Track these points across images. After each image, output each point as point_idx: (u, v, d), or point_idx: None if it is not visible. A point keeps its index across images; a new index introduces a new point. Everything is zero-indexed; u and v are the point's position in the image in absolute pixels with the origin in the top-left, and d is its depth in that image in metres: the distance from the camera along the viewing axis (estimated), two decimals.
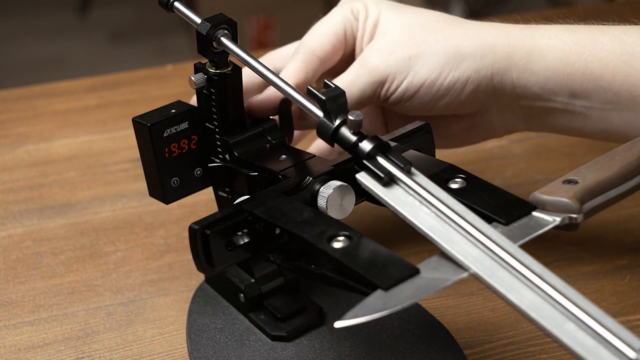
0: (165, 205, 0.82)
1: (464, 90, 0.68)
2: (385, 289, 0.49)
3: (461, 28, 0.69)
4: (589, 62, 0.66)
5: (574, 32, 0.68)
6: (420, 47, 0.68)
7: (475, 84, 0.68)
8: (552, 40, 0.67)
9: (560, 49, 0.67)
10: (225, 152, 0.66)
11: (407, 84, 0.68)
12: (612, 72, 0.66)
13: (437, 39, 0.68)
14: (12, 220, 0.81)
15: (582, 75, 0.67)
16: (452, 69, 0.67)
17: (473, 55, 0.68)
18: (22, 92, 1.00)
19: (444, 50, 0.68)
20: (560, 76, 0.67)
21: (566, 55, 0.67)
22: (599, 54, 0.66)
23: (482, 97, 0.69)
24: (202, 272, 0.58)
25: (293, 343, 0.66)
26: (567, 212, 0.55)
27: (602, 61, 0.66)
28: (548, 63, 0.67)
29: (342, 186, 0.59)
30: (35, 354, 0.68)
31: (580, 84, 0.67)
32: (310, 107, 0.58)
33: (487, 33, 0.68)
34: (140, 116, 0.64)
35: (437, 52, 0.68)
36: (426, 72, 0.68)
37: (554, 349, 0.66)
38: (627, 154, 0.59)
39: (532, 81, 0.68)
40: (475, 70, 0.68)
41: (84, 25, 2.85)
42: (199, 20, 0.63)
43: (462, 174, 0.58)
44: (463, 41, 0.68)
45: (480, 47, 0.68)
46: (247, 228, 0.58)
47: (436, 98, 0.68)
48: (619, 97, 0.66)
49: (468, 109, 0.70)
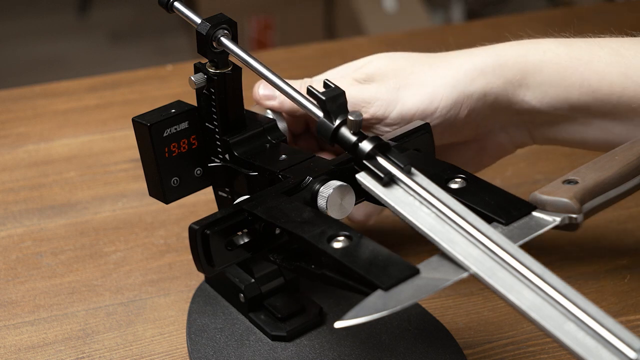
0: (165, 205, 0.82)
1: (458, 116, 0.68)
2: (386, 289, 0.49)
3: (447, 58, 0.69)
4: (586, 75, 0.66)
5: (570, 46, 0.68)
6: (408, 78, 0.68)
7: (470, 108, 0.68)
8: (547, 55, 0.67)
9: (556, 63, 0.67)
10: (225, 152, 0.66)
11: (396, 114, 0.67)
12: (610, 85, 0.66)
13: (425, 70, 0.68)
14: (12, 220, 0.81)
15: (579, 88, 0.66)
16: (443, 98, 0.67)
17: (462, 81, 0.67)
18: (22, 92, 1.00)
19: (432, 80, 0.68)
20: (557, 90, 0.67)
21: (563, 70, 0.67)
22: (596, 66, 0.66)
23: (479, 119, 0.69)
24: (202, 272, 0.58)
25: (293, 343, 0.66)
26: (567, 212, 0.55)
27: (599, 74, 0.66)
28: (544, 78, 0.67)
29: (342, 186, 0.59)
30: (35, 354, 0.68)
31: (578, 96, 0.67)
32: (310, 107, 0.58)
33: (475, 56, 0.68)
34: (140, 116, 0.64)
35: (426, 83, 0.67)
36: (417, 102, 0.67)
37: (554, 349, 0.66)
38: (627, 154, 0.59)
39: (529, 96, 0.68)
40: (467, 95, 0.67)
41: (84, 25, 2.85)
42: (199, 20, 0.63)
43: (462, 174, 0.58)
44: (449, 69, 0.68)
45: (469, 71, 0.67)
46: (247, 228, 0.58)
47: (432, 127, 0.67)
48: (618, 109, 0.66)
49: (469, 134, 0.70)
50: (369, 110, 0.67)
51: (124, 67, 1.23)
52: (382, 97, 0.67)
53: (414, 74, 0.68)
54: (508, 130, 0.71)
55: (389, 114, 0.67)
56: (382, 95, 0.67)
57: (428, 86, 0.67)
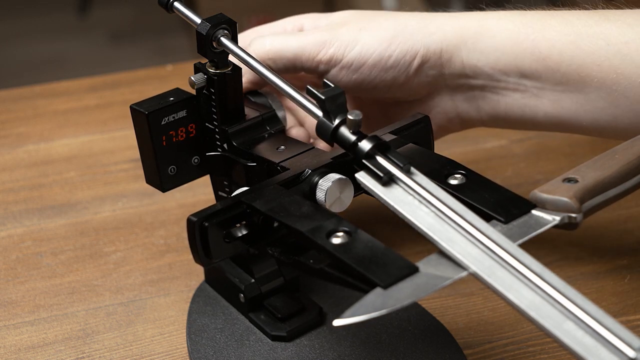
0: (165, 205, 0.82)
1: (412, 65, 0.69)
2: (385, 287, 0.49)
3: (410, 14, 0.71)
4: (537, 42, 0.67)
5: (524, 15, 0.69)
6: (370, 23, 0.70)
7: (424, 58, 0.69)
8: (502, 21, 0.69)
9: (509, 29, 0.68)
10: (223, 142, 0.65)
11: (355, 53, 0.68)
12: (560, 52, 0.67)
13: (387, 18, 0.70)
14: (12, 220, 0.81)
15: (530, 55, 0.68)
16: (401, 43, 0.68)
17: (422, 31, 0.69)
18: (22, 92, 1.00)
19: (393, 25, 0.69)
20: (509, 56, 0.68)
21: (515, 35, 0.68)
22: (547, 34, 0.67)
23: (431, 75, 0.70)
24: (200, 264, 0.58)
25: (293, 343, 0.66)
26: (567, 212, 0.55)
27: (549, 41, 0.67)
28: (497, 43, 0.68)
29: (341, 179, 0.59)
30: (35, 354, 0.68)
31: (529, 64, 0.68)
32: (310, 106, 0.58)
33: (436, 16, 0.70)
34: (138, 103, 0.64)
35: (387, 27, 0.69)
36: (375, 43, 0.68)
37: (554, 349, 0.66)
38: (628, 152, 0.59)
39: (483, 61, 0.69)
40: (424, 45, 0.69)
41: (84, 25, 2.85)
42: (199, 20, 0.63)
43: (461, 169, 0.58)
44: (411, 20, 0.70)
45: (429, 25, 0.69)
46: (246, 220, 0.58)
47: (384, 70, 0.69)
48: (567, 78, 0.67)
49: (418, 90, 0.71)
50: (329, 51, 0.68)
51: (124, 67, 1.24)
52: (342, 37, 0.69)
53: (375, 20, 0.70)
54: (455, 97, 0.71)
55: (348, 53, 0.68)
56: (342, 35, 0.69)
57: (389, 30, 0.69)
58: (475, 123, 0.73)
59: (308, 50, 0.69)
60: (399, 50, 0.68)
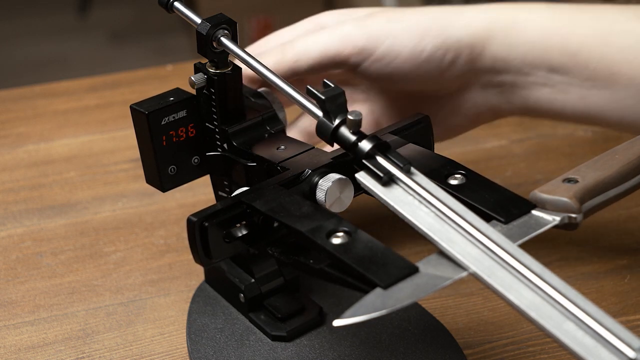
0: (165, 205, 0.82)
1: (445, 59, 0.68)
2: (385, 288, 0.49)
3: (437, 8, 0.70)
4: (567, 37, 0.67)
5: (554, 9, 0.69)
6: (397, 14, 0.69)
7: (457, 52, 0.68)
8: (532, 15, 0.68)
9: (540, 23, 0.68)
10: (223, 142, 0.65)
11: (387, 46, 0.68)
12: (590, 48, 0.66)
13: (414, 12, 0.69)
14: (12, 220, 0.81)
15: (560, 50, 0.67)
16: (434, 37, 0.68)
17: (454, 25, 0.68)
18: (22, 92, 1.00)
19: (423, 19, 0.68)
20: (539, 50, 0.67)
21: (545, 30, 0.67)
22: (577, 29, 0.67)
23: (464, 69, 0.69)
24: (200, 264, 0.58)
25: (293, 343, 0.66)
26: (567, 212, 0.55)
27: (579, 37, 0.66)
28: (527, 37, 0.68)
29: (341, 179, 0.59)
30: (35, 354, 0.68)
31: (558, 58, 0.67)
32: (310, 106, 0.58)
33: (465, 9, 0.69)
34: (139, 103, 0.64)
35: (417, 21, 0.68)
36: (406, 37, 0.68)
37: (554, 349, 0.66)
38: (628, 152, 0.59)
39: (513, 54, 0.68)
40: (457, 39, 0.68)
41: (84, 25, 2.85)
42: (199, 20, 0.63)
43: (461, 169, 0.58)
44: (441, 13, 0.69)
45: (460, 18, 0.69)
46: (246, 220, 0.58)
47: (417, 64, 0.68)
48: (596, 74, 0.67)
49: (450, 84, 0.70)
50: (358, 44, 0.68)
51: (124, 67, 1.24)
52: (371, 30, 0.68)
53: (403, 13, 0.69)
54: (486, 90, 0.71)
55: (379, 46, 0.68)
56: (371, 28, 0.68)
57: (420, 23, 0.68)
58: (506, 114, 0.73)
59: (335, 45, 0.68)
60: (431, 44, 0.68)
